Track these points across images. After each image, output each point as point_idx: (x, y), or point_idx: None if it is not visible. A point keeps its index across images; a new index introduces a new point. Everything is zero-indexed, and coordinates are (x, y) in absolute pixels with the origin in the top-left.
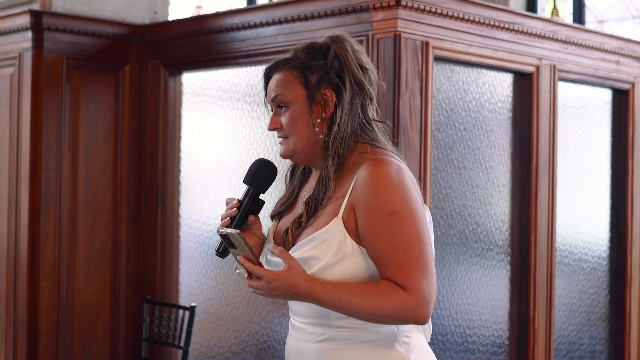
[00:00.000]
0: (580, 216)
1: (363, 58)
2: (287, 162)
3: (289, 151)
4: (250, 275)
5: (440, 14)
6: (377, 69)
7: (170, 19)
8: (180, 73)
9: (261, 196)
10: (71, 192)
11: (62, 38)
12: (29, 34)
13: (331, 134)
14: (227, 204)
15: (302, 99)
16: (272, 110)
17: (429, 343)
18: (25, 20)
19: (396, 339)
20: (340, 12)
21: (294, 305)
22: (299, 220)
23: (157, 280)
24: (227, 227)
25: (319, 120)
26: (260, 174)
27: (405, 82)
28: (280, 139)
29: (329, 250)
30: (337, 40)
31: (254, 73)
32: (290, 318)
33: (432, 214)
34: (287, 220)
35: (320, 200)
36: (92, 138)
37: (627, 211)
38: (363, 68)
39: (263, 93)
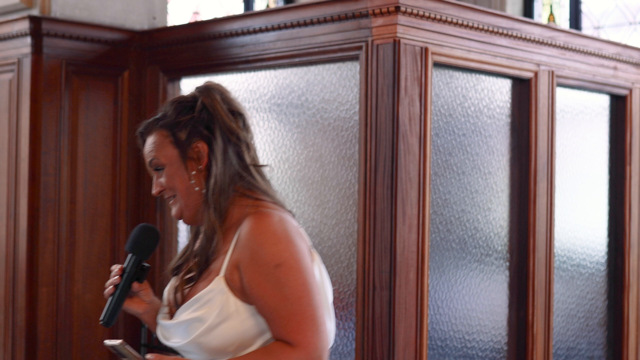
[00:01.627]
0: (579, 222)
1: (234, 104)
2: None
3: (179, 211)
4: None
5: (440, 20)
6: (377, 75)
7: (169, 24)
8: (179, 79)
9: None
10: (70, 198)
11: (61, 44)
12: (28, 40)
13: (209, 185)
14: (111, 271)
15: (175, 158)
16: (153, 175)
17: (429, 347)
18: (24, 25)
19: None
20: (339, 18)
21: None
22: (187, 277)
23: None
24: (111, 295)
25: (194, 172)
26: (140, 241)
27: (404, 88)
28: (171, 200)
29: (213, 310)
30: (204, 91)
31: (253, 79)
32: None
33: (431, 220)
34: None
35: (209, 253)
36: (91, 144)
37: (625, 217)
38: (234, 114)
39: (261, 100)
